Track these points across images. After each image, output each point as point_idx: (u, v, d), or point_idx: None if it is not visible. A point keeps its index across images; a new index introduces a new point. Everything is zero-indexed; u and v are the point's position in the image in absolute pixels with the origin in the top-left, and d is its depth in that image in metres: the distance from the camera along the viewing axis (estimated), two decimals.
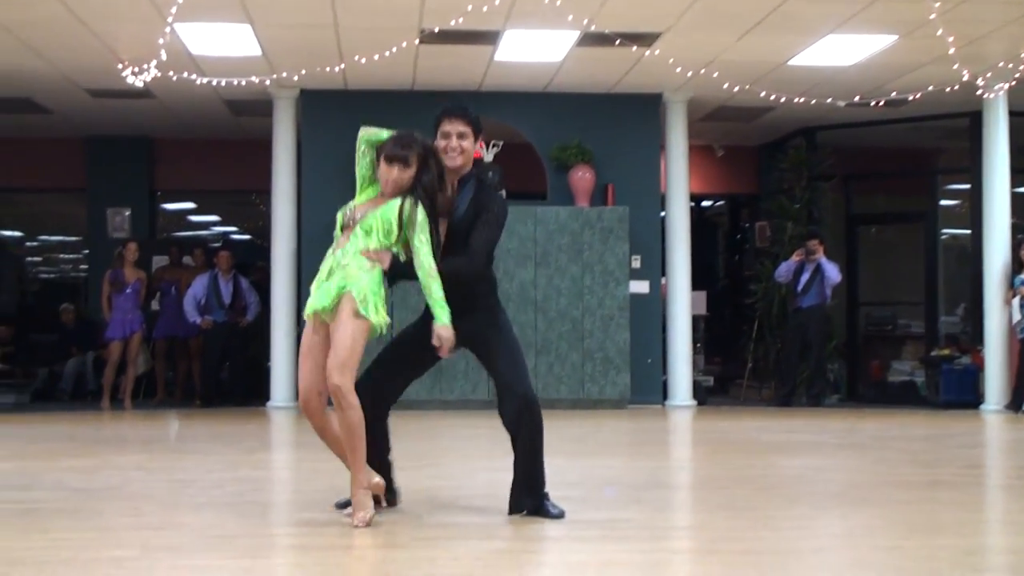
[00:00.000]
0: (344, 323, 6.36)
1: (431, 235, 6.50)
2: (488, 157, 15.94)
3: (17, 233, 24.12)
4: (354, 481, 6.36)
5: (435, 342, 6.43)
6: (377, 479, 6.48)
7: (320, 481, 8.26)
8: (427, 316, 6.65)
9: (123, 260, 16.10)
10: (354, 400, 6.31)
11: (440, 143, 6.78)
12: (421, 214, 6.49)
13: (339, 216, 6.65)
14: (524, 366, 7.02)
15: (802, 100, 15.10)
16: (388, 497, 6.84)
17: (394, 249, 6.53)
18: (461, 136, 6.81)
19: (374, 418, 6.68)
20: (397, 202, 6.51)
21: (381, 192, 6.64)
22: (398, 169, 6.54)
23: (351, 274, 6.42)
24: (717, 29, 13.11)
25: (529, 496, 6.76)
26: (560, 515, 6.64)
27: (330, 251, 6.60)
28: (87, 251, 20.29)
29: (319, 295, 6.48)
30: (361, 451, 6.36)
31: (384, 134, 6.72)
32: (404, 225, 6.48)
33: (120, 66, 13.35)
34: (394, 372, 6.95)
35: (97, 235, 19.29)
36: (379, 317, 6.42)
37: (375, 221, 6.50)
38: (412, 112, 15.82)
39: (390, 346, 7.07)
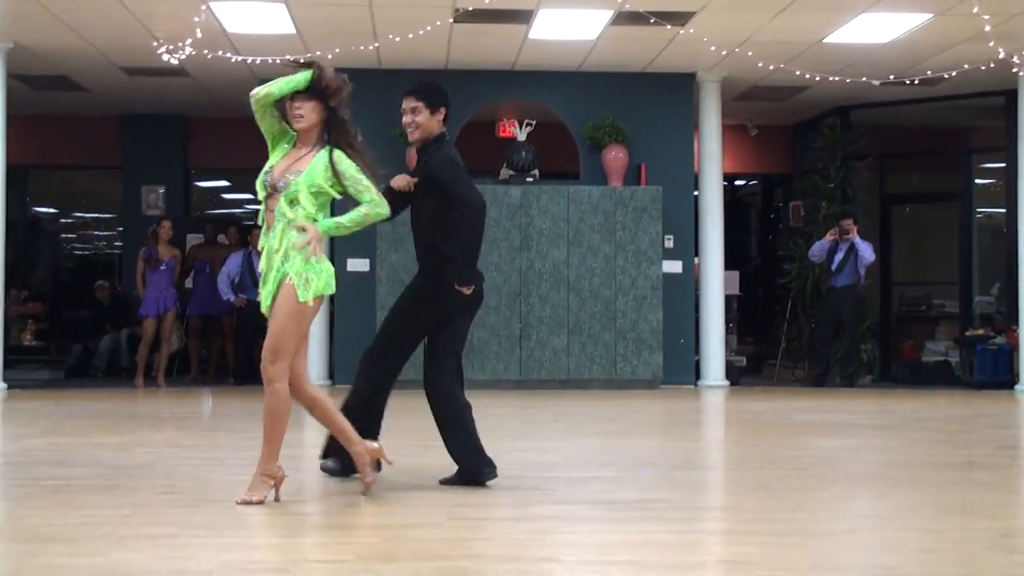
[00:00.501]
0: (280, 308, 6.34)
1: (369, 176, 6.50)
2: (521, 136, 15.94)
3: (52, 210, 24.20)
4: (261, 464, 6.37)
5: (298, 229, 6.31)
6: (376, 444, 6.69)
7: None
8: (414, 281, 7.26)
9: (157, 238, 16.16)
10: (283, 388, 6.33)
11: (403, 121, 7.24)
12: (346, 161, 6.45)
13: (259, 185, 6.52)
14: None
15: (837, 79, 15.03)
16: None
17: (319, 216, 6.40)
18: (414, 111, 7.22)
19: (374, 392, 7.14)
20: (319, 162, 6.42)
21: (294, 144, 6.54)
22: (298, 100, 6.50)
23: (287, 259, 6.35)
24: (751, 7, 13.05)
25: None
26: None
27: (263, 232, 6.49)
28: (121, 228, 20.37)
29: (264, 296, 6.45)
30: (277, 439, 6.37)
31: (273, 87, 6.54)
32: (334, 183, 6.42)
33: (156, 44, 13.39)
34: (392, 346, 7.25)
35: (132, 213, 19.37)
36: (318, 289, 6.36)
37: (299, 189, 6.37)
38: (446, 91, 15.88)
39: (386, 319, 7.47)
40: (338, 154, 6.45)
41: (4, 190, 15.05)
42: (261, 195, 6.51)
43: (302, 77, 6.49)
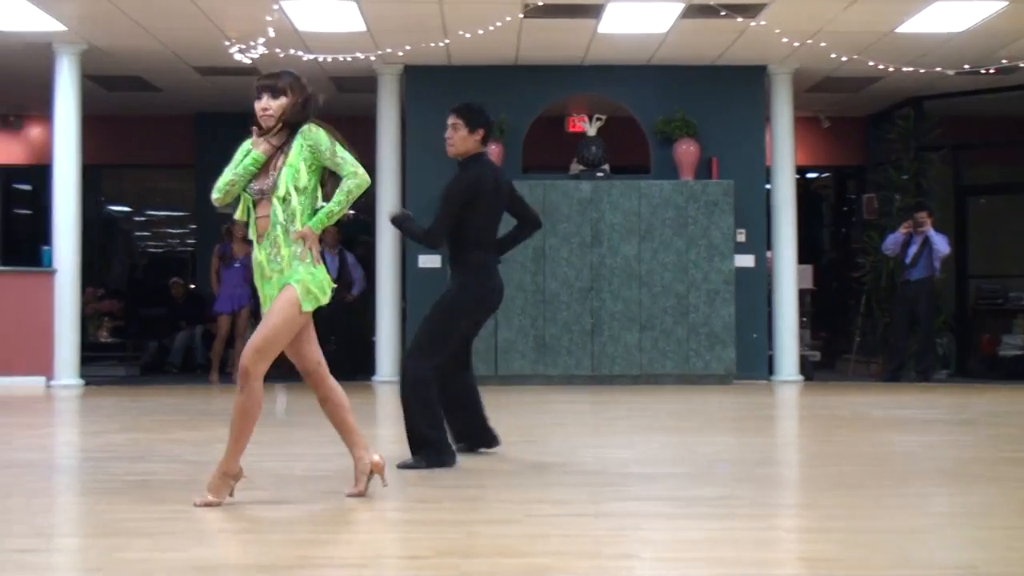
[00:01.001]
0: (277, 312, 6.26)
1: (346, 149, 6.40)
2: (591, 131, 15.91)
3: (126, 209, 24.46)
4: (224, 463, 6.29)
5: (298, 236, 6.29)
6: (378, 458, 6.52)
7: None
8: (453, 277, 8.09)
9: (231, 235, 16.28)
10: (257, 387, 6.26)
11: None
12: (320, 134, 6.35)
13: (243, 198, 6.38)
14: (427, 342, 7.88)
15: (910, 69, 14.90)
16: (488, 440, 8.10)
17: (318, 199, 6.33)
18: (454, 127, 7.95)
19: (451, 379, 8.01)
20: (295, 147, 6.31)
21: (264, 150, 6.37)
22: (267, 97, 6.40)
23: (288, 267, 6.28)
24: None
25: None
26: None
27: (255, 242, 6.37)
28: (194, 226, 20.54)
29: (267, 301, 6.38)
30: (245, 438, 6.32)
31: (233, 176, 6.34)
32: (313, 161, 6.31)
33: (228, 44, 13.49)
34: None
35: (205, 210, 19.48)
36: (317, 301, 6.34)
37: (283, 183, 6.25)
38: (515, 87, 15.93)
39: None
40: (310, 129, 6.35)
41: (80, 190, 15.23)
42: (245, 206, 6.36)
43: (257, 157, 6.31)
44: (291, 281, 6.24)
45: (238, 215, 6.42)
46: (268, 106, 6.38)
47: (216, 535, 5.57)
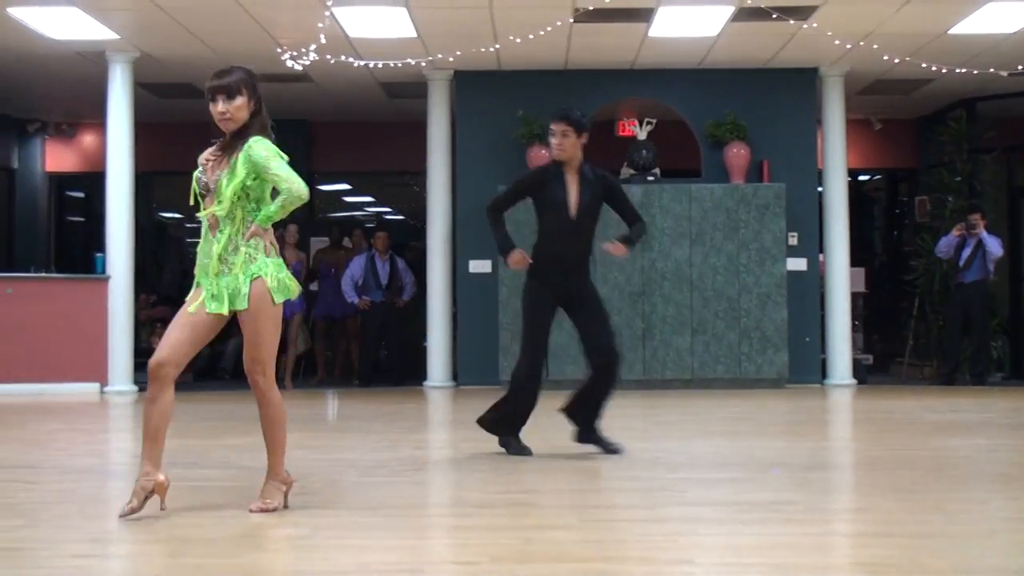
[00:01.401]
0: (256, 315, 6.15)
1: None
2: (641, 135, 15.89)
3: (177, 215, 24.59)
4: (270, 471, 6.31)
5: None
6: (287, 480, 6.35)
7: (481, 461, 8.31)
8: (531, 276, 8.64)
9: (283, 242, 16.33)
10: (276, 396, 6.26)
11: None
12: (260, 151, 6.05)
13: (195, 183, 6.28)
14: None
15: (962, 71, 14.79)
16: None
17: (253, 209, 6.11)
18: (563, 134, 8.48)
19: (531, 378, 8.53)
20: (239, 158, 6.07)
21: (221, 144, 6.24)
22: (222, 102, 6.17)
23: (252, 261, 6.15)
24: (876, 0, 12.88)
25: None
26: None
27: (204, 235, 6.26)
28: None
29: (215, 301, 6.17)
30: (280, 446, 6.32)
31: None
32: (251, 176, 6.07)
33: (280, 51, 13.55)
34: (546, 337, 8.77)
35: None
36: (289, 290, 6.25)
37: (223, 189, 6.09)
38: (565, 91, 15.91)
39: (531, 317, 8.80)
40: (254, 144, 6.08)
41: (132, 197, 15.32)
42: (195, 194, 6.26)
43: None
44: (260, 274, 6.15)
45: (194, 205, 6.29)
46: (226, 110, 6.16)
47: (271, 541, 5.58)
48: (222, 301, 6.16)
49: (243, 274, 6.13)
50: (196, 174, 6.26)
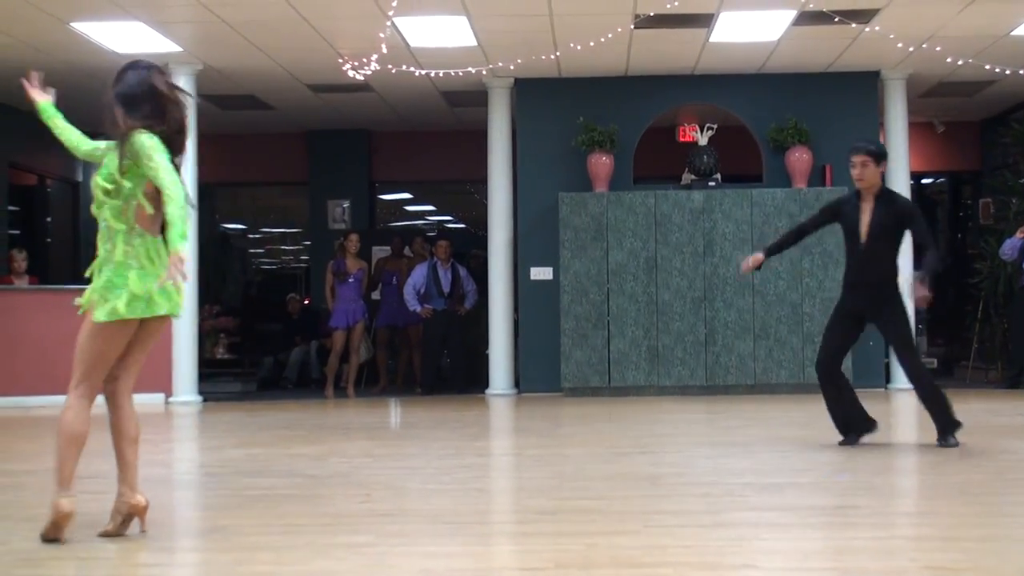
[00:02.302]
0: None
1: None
2: (702, 140, 15.86)
3: (240, 226, 24.80)
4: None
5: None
6: (138, 501, 5.95)
7: (544, 468, 8.33)
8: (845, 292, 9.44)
9: (345, 251, 16.40)
10: (70, 412, 5.94)
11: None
12: (146, 141, 5.93)
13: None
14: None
15: None
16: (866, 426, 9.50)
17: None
18: (863, 165, 9.13)
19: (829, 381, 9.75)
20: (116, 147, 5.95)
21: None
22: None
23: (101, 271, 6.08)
24: (937, 2, 12.81)
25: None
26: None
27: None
28: (308, 242, 20.76)
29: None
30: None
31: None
32: (131, 165, 5.93)
33: (341, 61, 13.63)
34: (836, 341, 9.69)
35: (318, 227, 19.75)
36: (115, 312, 6.01)
37: (96, 185, 6.04)
38: (625, 98, 15.93)
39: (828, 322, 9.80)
40: (139, 135, 5.96)
41: (196, 208, 15.44)
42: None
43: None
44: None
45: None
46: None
47: (337, 548, 5.61)
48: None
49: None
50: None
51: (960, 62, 14.59)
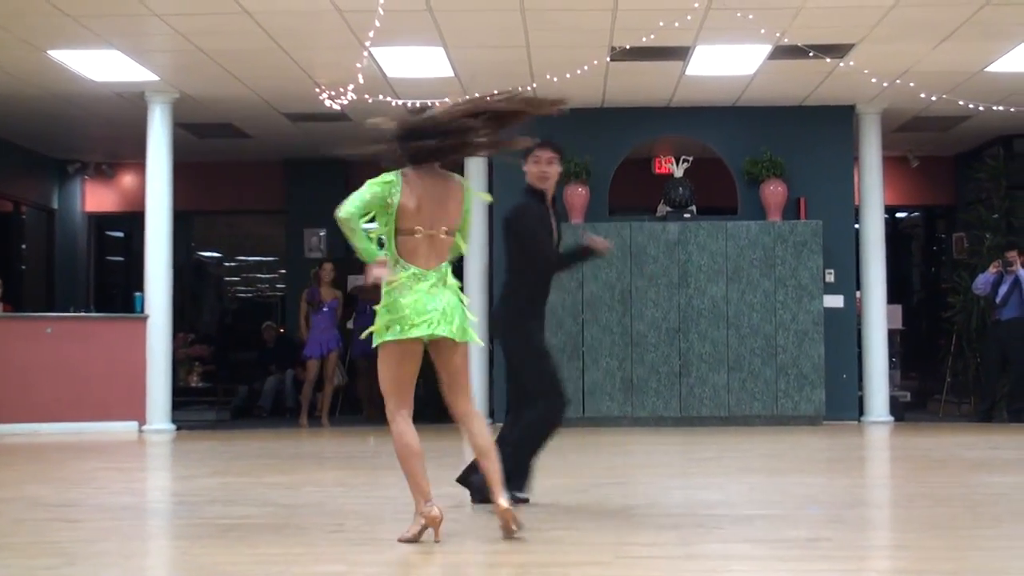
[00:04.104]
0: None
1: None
2: (678, 172, 15.92)
3: (216, 254, 24.74)
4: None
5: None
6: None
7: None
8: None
9: (319, 280, 16.40)
10: None
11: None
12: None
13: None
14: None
15: (1000, 108, 14.77)
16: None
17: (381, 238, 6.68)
18: (552, 163, 8.13)
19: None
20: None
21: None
22: None
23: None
24: (912, 38, 12.90)
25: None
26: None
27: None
28: (284, 271, 20.74)
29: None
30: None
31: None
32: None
33: (318, 91, 13.65)
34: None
35: (294, 256, 19.73)
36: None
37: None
38: (601, 129, 15.97)
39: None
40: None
41: (171, 236, 15.42)
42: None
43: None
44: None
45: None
46: None
47: None
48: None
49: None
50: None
51: (934, 97, 14.69)
